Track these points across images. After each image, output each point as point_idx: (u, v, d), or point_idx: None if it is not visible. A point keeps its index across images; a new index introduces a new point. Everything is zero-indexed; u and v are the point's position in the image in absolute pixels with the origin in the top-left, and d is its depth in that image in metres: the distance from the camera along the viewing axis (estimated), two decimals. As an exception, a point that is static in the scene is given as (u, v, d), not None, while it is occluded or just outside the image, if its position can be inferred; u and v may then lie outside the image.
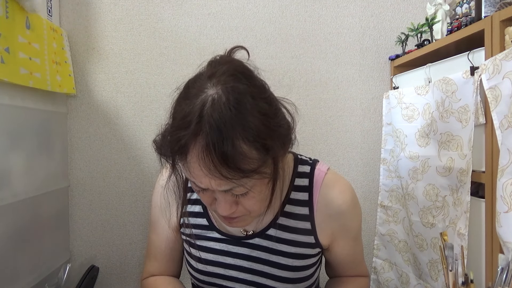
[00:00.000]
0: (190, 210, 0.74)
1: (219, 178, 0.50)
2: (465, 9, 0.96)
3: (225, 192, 0.54)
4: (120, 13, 1.19)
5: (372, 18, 1.24)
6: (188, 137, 0.49)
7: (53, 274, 1.03)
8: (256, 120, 0.50)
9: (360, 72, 1.25)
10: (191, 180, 0.55)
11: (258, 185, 0.55)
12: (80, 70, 1.18)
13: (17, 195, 0.88)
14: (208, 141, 0.48)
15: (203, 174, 0.50)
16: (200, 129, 0.48)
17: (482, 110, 0.76)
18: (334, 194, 0.69)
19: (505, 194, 0.66)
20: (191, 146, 0.50)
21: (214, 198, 0.58)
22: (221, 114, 0.48)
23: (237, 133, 0.48)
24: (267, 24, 1.22)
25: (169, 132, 0.55)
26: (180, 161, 0.53)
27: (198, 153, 0.49)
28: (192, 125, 0.49)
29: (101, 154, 1.20)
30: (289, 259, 0.69)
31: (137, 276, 1.23)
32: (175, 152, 0.52)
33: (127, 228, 1.22)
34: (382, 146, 1.21)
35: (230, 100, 0.49)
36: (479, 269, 0.79)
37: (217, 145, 0.47)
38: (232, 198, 0.56)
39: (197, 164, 0.50)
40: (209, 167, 0.49)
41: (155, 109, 1.20)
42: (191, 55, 1.21)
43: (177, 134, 0.51)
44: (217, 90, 0.50)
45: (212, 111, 0.48)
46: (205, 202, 0.61)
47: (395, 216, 1.14)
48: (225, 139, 0.47)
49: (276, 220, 0.69)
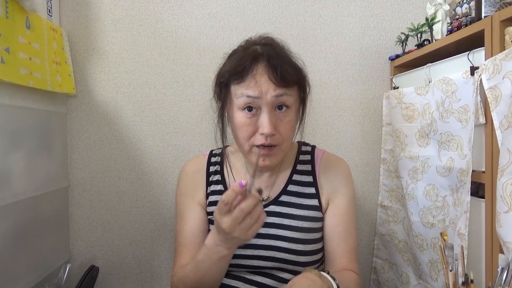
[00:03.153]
0: (213, 189, 0.88)
1: (279, 83, 0.71)
2: (465, 9, 0.96)
3: (274, 107, 0.73)
4: (120, 13, 1.19)
5: (372, 18, 1.24)
6: (254, 57, 0.73)
7: (53, 274, 1.03)
8: (293, 58, 0.79)
9: (360, 72, 1.25)
10: (248, 93, 0.71)
11: (294, 108, 0.76)
12: (80, 70, 1.18)
13: (17, 195, 0.88)
14: (274, 57, 0.73)
15: (266, 80, 0.71)
16: (263, 52, 0.74)
17: (482, 110, 0.76)
18: (332, 163, 0.89)
19: (505, 194, 0.66)
20: (259, 62, 0.72)
21: (256, 127, 0.73)
22: (273, 48, 0.76)
23: (291, 55, 0.79)
24: (267, 24, 1.22)
25: (230, 63, 0.76)
26: (238, 80, 0.73)
27: (266, 65, 0.72)
28: (253, 53, 0.74)
29: (101, 154, 1.20)
30: (299, 221, 0.81)
31: (137, 276, 1.23)
32: (239, 71, 0.72)
33: (127, 228, 1.22)
34: (382, 146, 1.21)
35: (274, 45, 0.79)
36: (479, 269, 0.79)
37: (283, 58, 0.74)
38: (274, 119, 0.72)
39: (264, 72, 0.71)
40: (275, 74, 0.71)
41: (155, 109, 1.20)
42: (191, 55, 1.21)
43: (240, 60, 0.73)
44: (262, 44, 0.78)
45: (265, 48, 0.76)
46: (246, 134, 0.74)
47: (395, 216, 1.14)
48: (288, 55, 0.77)
49: (286, 187, 0.85)
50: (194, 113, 1.22)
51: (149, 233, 1.23)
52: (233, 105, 0.75)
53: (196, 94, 1.21)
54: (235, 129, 0.77)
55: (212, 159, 0.92)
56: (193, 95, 1.21)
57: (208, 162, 0.91)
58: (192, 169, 0.91)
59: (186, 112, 1.21)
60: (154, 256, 1.23)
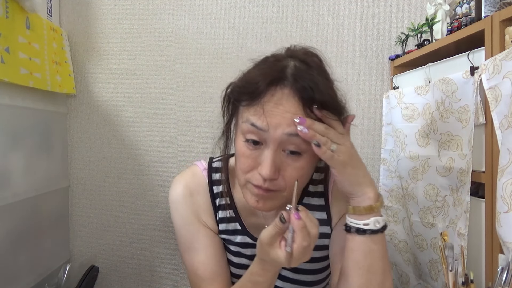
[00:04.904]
0: (222, 216, 0.72)
1: (301, 120, 0.54)
2: (465, 9, 0.96)
3: (283, 146, 0.57)
4: (120, 13, 1.19)
5: (372, 18, 1.24)
6: (276, 78, 0.55)
7: (53, 274, 1.03)
8: (330, 89, 0.59)
9: (360, 72, 1.25)
10: (253, 121, 0.56)
11: (310, 153, 0.58)
12: (80, 70, 1.18)
13: (17, 195, 0.88)
14: (299, 84, 0.55)
15: (282, 112, 0.54)
16: (293, 73, 0.56)
17: (482, 110, 0.76)
18: None
19: (505, 194, 0.66)
20: (279, 85, 0.55)
21: (256, 163, 0.58)
22: (309, 72, 0.56)
23: (324, 82, 0.57)
24: (267, 24, 1.22)
25: (247, 76, 0.60)
26: (247, 102, 0.57)
27: (289, 93, 0.55)
28: (278, 72, 0.56)
29: (101, 154, 1.20)
30: None
31: (137, 276, 1.23)
32: (249, 92, 0.57)
33: (127, 228, 1.22)
34: (382, 146, 1.21)
35: (312, 66, 0.58)
36: (479, 269, 0.79)
37: (320, 88, 0.55)
38: (279, 162, 0.57)
39: (283, 101, 0.55)
40: (299, 105, 0.55)
41: (155, 109, 1.20)
42: (191, 55, 1.21)
43: (257, 78, 0.56)
44: (297, 61, 0.58)
45: (297, 69, 0.56)
46: (244, 166, 0.60)
47: (395, 216, 1.14)
48: (328, 85, 0.58)
49: None
50: (194, 113, 1.22)
51: (149, 233, 1.23)
52: (238, 126, 0.61)
53: (196, 94, 1.21)
54: (236, 154, 0.63)
55: (213, 176, 0.74)
56: (193, 95, 1.21)
57: (210, 180, 0.73)
58: (191, 191, 0.72)
59: (186, 112, 1.21)
60: (154, 256, 1.23)
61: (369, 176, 0.61)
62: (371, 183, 0.60)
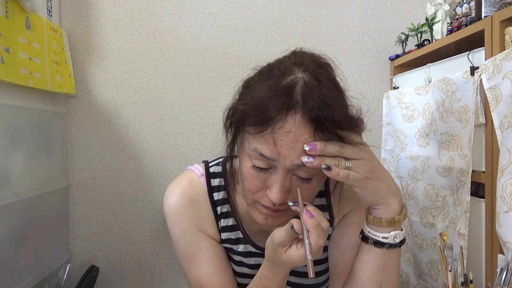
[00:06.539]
0: (224, 224, 0.69)
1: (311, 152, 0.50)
2: (465, 9, 0.96)
3: (292, 172, 0.54)
4: (120, 13, 1.19)
5: (372, 18, 1.24)
6: (285, 102, 0.50)
7: (53, 274, 1.03)
8: (343, 106, 0.55)
9: (360, 72, 1.25)
10: (262, 151, 0.52)
11: (320, 176, 0.55)
12: (80, 70, 1.18)
13: (17, 195, 0.88)
14: (309, 104, 0.49)
15: (291, 142, 0.50)
16: (298, 99, 0.50)
17: (482, 110, 0.76)
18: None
19: (505, 194, 0.66)
20: (290, 112, 0.50)
21: (265, 185, 0.55)
22: (320, 90, 0.50)
23: (336, 107, 0.51)
24: (267, 24, 1.22)
25: (252, 97, 0.53)
26: (254, 128, 0.52)
27: (301, 121, 0.49)
28: (287, 93, 0.50)
29: (101, 154, 1.20)
30: None
31: (137, 276, 1.23)
32: (258, 121, 0.51)
33: (127, 228, 1.22)
34: (382, 146, 1.21)
35: (323, 81, 0.52)
36: (479, 269, 0.79)
37: (334, 112, 0.50)
38: (288, 185, 0.54)
39: (293, 130, 0.50)
40: (309, 136, 0.50)
41: (155, 109, 1.20)
42: (191, 55, 1.21)
43: (265, 101, 0.50)
44: (306, 75, 0.52)
45: (307, 87, 0.50)
46: (251, 188, 0.56)
47: (395, 216, 1.14)
48: (332, 109, 0.50)
49: None
50: (194, 113, 1.22)
51: (149, 233, 1.23)
52: (243, 149, 0.57)
53: (196, 94, 1.21)
54: (241, 174, 0.59)
55: (212, 182, 0.69)
56: (193, 95, 1.21)
57: (209, 187, 0.69)
58: (191, 200, 0.67)
59: (186, 112, 1.21)
60: (154, 256, 1.24)
61: (394, 186, 0.57)
62: (395, 194, 0.56)
